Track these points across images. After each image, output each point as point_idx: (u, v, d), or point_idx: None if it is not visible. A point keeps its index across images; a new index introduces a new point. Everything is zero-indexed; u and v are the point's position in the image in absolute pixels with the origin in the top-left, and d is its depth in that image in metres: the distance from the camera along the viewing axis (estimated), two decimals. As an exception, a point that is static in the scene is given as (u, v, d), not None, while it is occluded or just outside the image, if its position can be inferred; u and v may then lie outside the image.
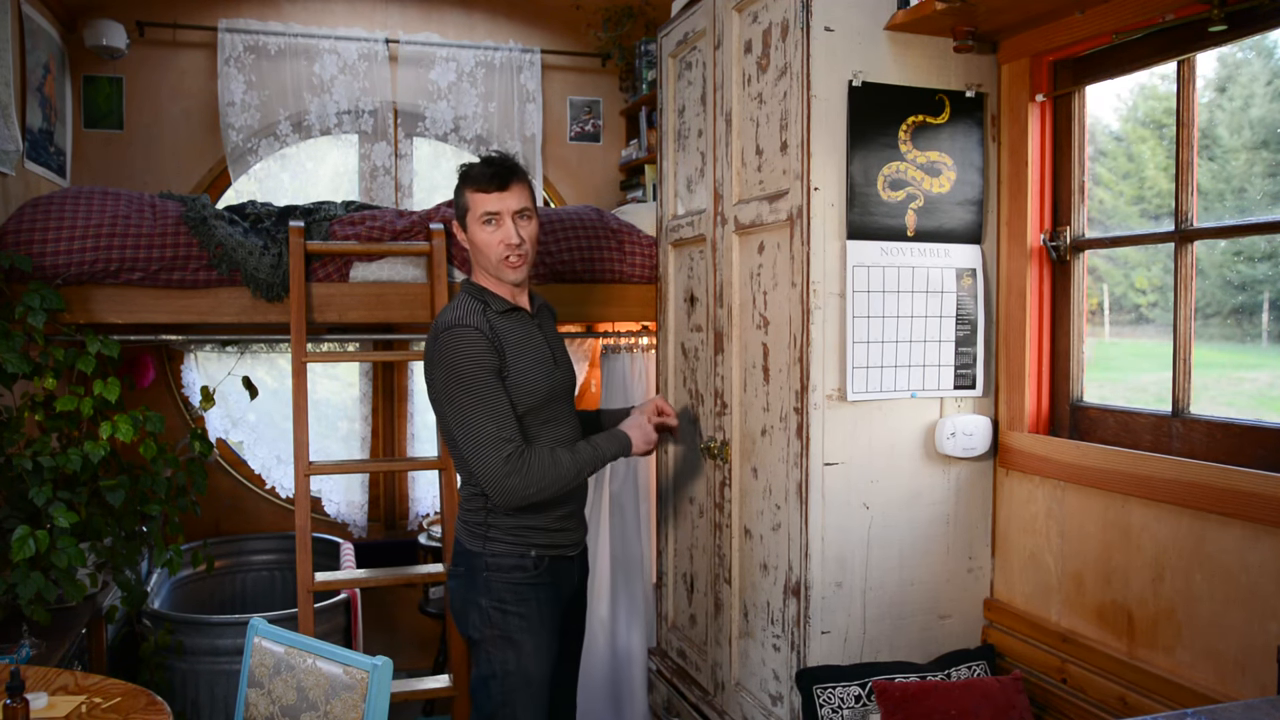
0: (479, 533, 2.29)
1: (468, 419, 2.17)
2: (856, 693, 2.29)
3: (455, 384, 2.18)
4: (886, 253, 2.36)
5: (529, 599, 2.27)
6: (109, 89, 4.04)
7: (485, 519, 2.28)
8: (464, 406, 2.18)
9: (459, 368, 2.18)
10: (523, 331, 2.33)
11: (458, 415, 2.19)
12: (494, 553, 2.27)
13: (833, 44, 2.30)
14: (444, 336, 2.21)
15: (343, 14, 4.33)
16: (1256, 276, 2.08)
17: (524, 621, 2.26)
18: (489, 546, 2.28)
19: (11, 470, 2.80)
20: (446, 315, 2.26)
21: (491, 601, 2.26)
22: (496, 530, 2.28)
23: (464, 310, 2.25)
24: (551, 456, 2.23)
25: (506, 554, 2.27)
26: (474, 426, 2.17)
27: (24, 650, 2.47)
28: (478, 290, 2.33)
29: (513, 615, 2.25)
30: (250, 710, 2.09)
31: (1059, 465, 2.31)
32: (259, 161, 4.22)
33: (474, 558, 2.29)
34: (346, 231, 3.24)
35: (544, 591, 2.30)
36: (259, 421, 4.24)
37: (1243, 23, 1.91)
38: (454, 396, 2.19)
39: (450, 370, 2.19)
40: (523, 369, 2.27)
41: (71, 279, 2.97)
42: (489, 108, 4.48)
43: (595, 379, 4.60)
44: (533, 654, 2.26)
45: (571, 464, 2.25)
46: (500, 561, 2.27)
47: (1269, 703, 1.57)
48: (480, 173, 2.28)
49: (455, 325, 2.21)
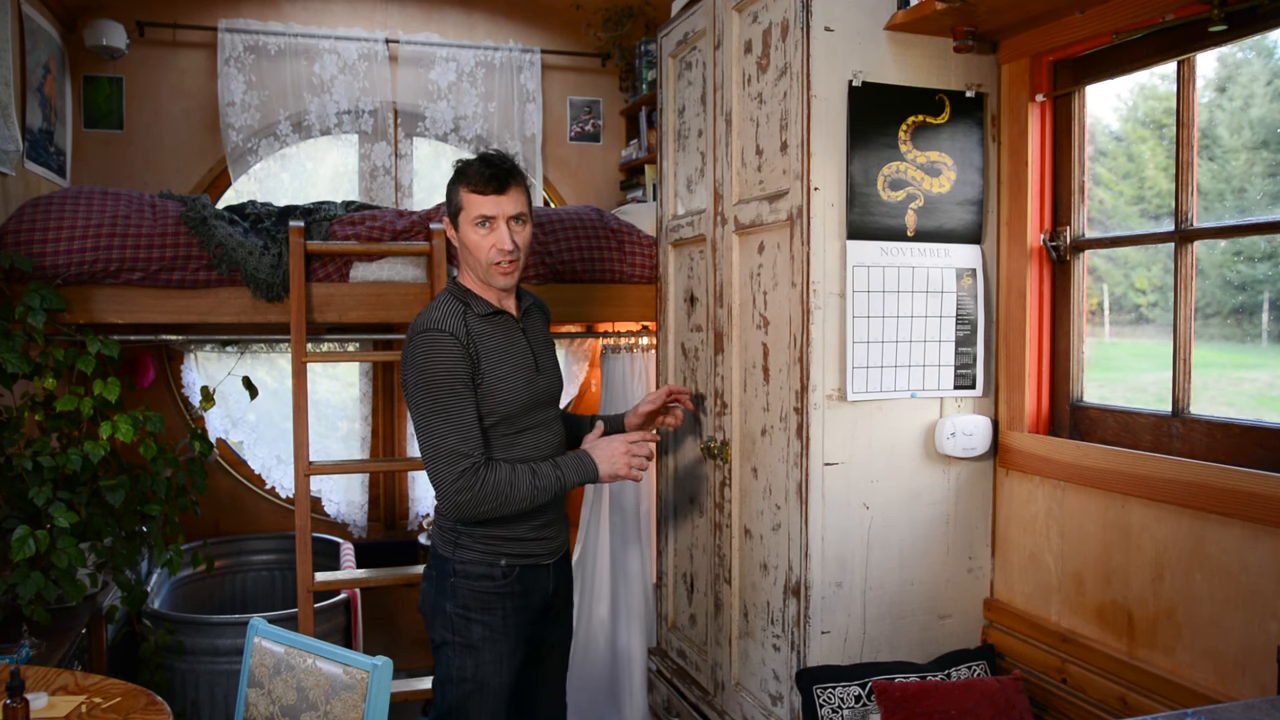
0: (450, 538, 2.25)
1: (430, 426, 2.13)
2: (856, 693, 2.29)
3: (422, 390, 2.13)
4: (886, 253, 2.36)
5: (495, 608, 2.23)
6: (109, 89, 4.04)
7: (455, 524, 2.24)
8: (427, 413, 2.13)
9: (428, 373, 2.13)
10: (504, 336, 2.27)
11: (421, 421, 2.14)
12: (463, 560, 2.23)
13: (833, 44, 2.30)
14: (418, 339, 2.16)
15: (343, 14, 4.33)
16: (1256, 276, 2.08)
17: (487, 630, 2.21)
18: (458, 553, 2.23)
19: (11, 470, 2.80)
20: (424, 317, 2.21)
21: (456, 608, 2.21)
22: (467, 537, 2.23)
23: (442, 312, 2.20)
24: (510, 477, 2.15)
25: (476, 562, 2.22)
26: (434, 435, 2.12)
27: (24, 650, 2.47)
28: (461, 291, 2.28)
29: (476, 623, 2.21)
30: (250, 710, 2.09)
31: (1059, 465, 2.31)
32: (259, 161, 4.22)
33: (444, 562, 2.25)
34: (346, 231, 3.24)
35: (511, 601, 2.25)
36: (259, 421, 4.24)
37: (1243, 23, 1.91)
38: (419, 402, 2.14)
39: (419, 374, 2.13)
40: (500, 375, 2.21)
41: (71, 279, 2.97)
42: (489, 108, 4.48)
43: (595, 379, 4.60)
44: (492, 663, 2.22)
45: (529, 488, 2.16)
46: (469, 569, 2.22)
47: (1269, 703, 1.57)
48: (478, 173, 2.19)
49: (430, 329, 2.16)
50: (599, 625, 3.64)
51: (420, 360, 2.14)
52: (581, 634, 3.61)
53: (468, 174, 2.22)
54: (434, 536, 2.32)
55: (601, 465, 2.26)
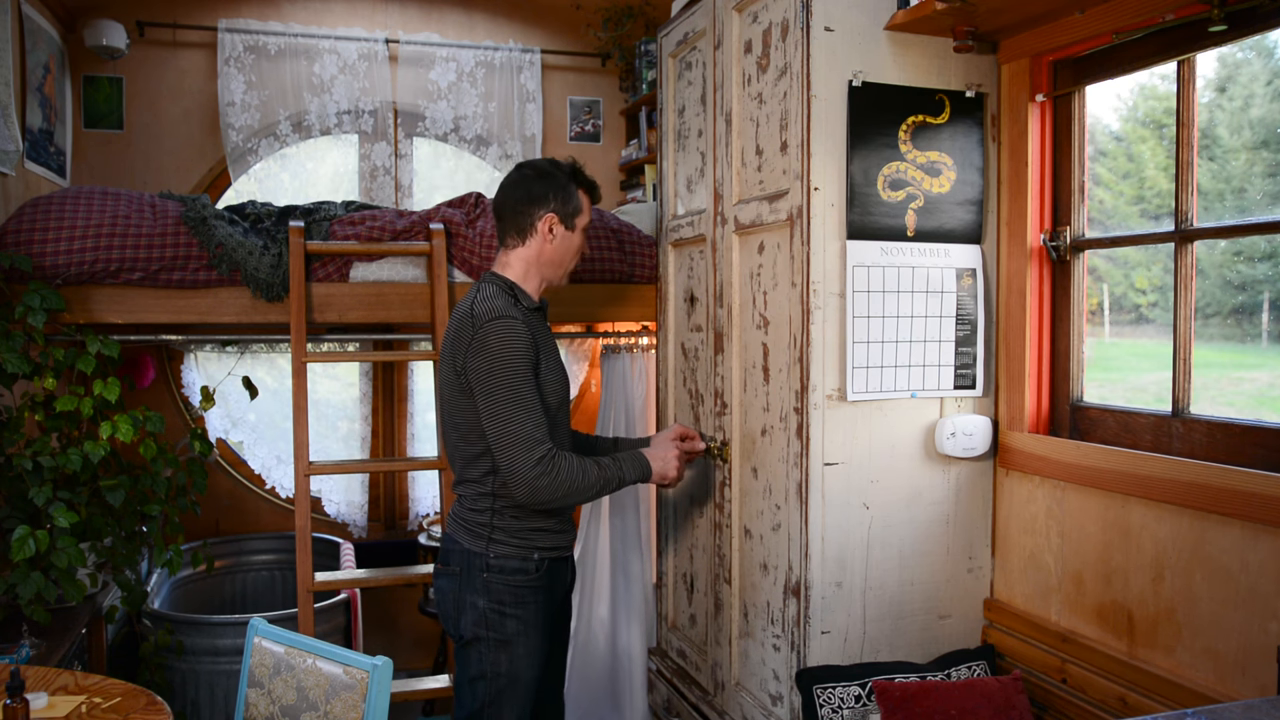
0: (482, 533, 2.26)
1: (506, 413, 2.13)
2: (856, 693, 2.29)
3: (497, 376, 2.13)
4: (886, 253, 2.36)
5: (528, 602, 2.26)
6: (109, 89, 4.04)
7: (491, 519, 2.25)
8: (503, 400, 2.13)
9: (505, 359, 2.13)
10: (545, 332, 2.34)
11: (494, 408, 2.14)
12: (497, 554, 2.24)
13: (833, 44, 2.30)
14: (490, 326, 2.14)
15: (343, 14, 4.33)
16: (1256, 276, 2.08)
17: (520, 625, 2.24)
18: (492, 548, 2.25)
19: (11, 470, 2.80)
20: (486, 305, 2.19)
21: (490, 603, 2.23)
22: (501, 532, 2.25)
23: (503, 302, 2.21)
24: (580, 465, 2.21)
25: (510, 556, 2.24)
26: (512, 422, 2.13)
27: (24, 650, 2.47)
28: (509, 285, 2.29)
29: (510, 618, 2.24)
30: (250, 710, 2.09)
31: (1059, 465, 2.31)
32: (259, 161, 4.22)
33: (473, 558, 2.26)
34: (346, 231, 3.24)
35: (542, 594, 2.29)
36: (259, 421, 4.24)
37: (1243, 23, 1.91)
38: (493, 389, 2.13)
39: (495, 361, 2.13)
40: (550, 367, 2.27)
41: (71, 279, 2.97)
42: (489, 108, 4.48)
43: (595, 379, 4.60)
44: (525, 657, 2.24)
45: (597, 478, 2.25)
46: (503, 564, 2.24)
47: (1269, 703, 1.57)
48: (591, 182, 2.38)
49: (502, 316, 2.16)
50: (599, 625, 3.64)
51: (496, 346, 2.14)
52: (581, 634, 3.61)
53: (586, 181, 2.37)
54: (455, 532, 2.31)
55: (655, 464, 2.40)
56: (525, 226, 2.31)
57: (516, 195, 2.32)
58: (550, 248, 2.32)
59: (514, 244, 2.33)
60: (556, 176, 2.32)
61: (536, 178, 2.32)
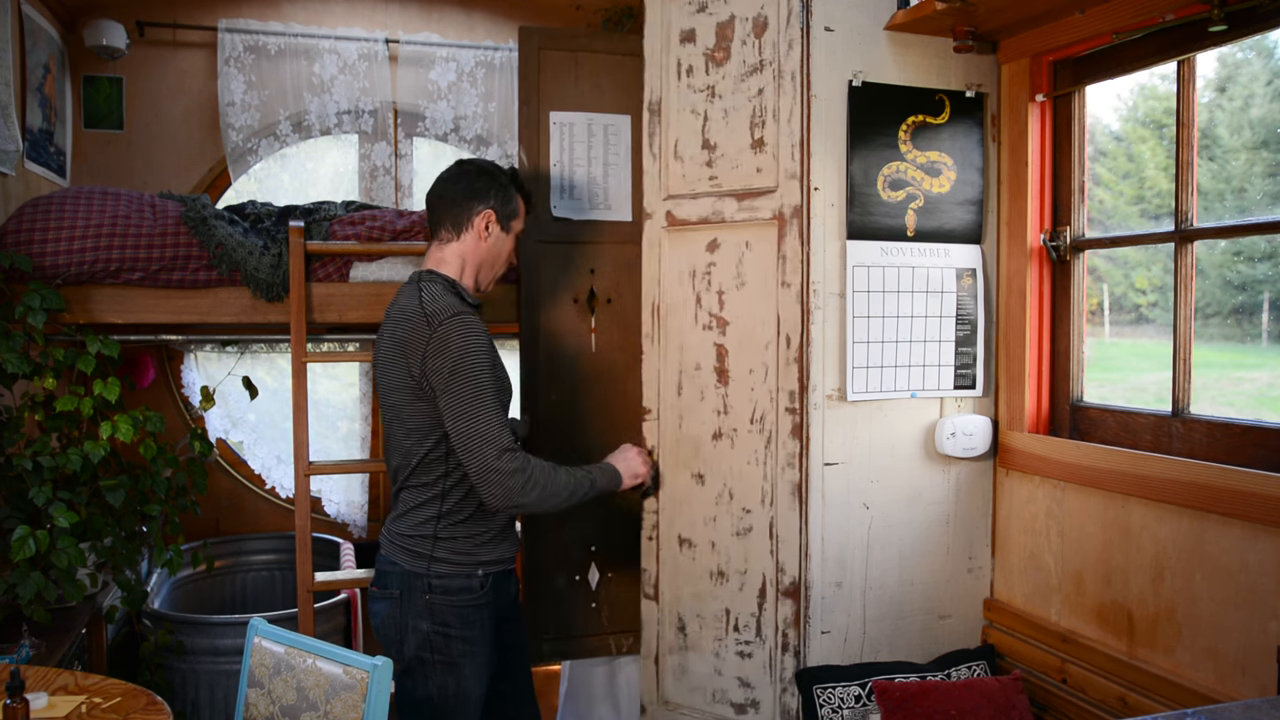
0: (423, 551, 2.17)
1: (473, 412, 2.06)
2: (856, 693, 2.29)
3: (462, 375, 2.06)
4: (886, 253, 2.36)
5: (473, 621, 2.17)
6: (109, 89, 4.04)
7: (434, 530, 2.17)
8: (470, 398, 2.06)
9: (469, 356, 2.07)
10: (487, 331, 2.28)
11: (460, 408, 2.06)
12: (439, 574, 2.15)
13: (833, 44, 2.30)
14: (450, 324, 2.08)
15: (342, 14, 4.32)
16: (1256, 276, 2.08)
17: (466, 645, 2.16)
18: (434, 567, 2.16)
19: (11, 470, 2.80)
20: (439, 303, 2.13)
21: (434, 626, 2.14)
22: (444, 548, 2.16)
23: (455, 300, 2.16)
24: (548, 466, 2.15)
25: (453, 575, 2.16)
26: (479, 421, 2.06)
27: (24, 650, 2.47)
28: (451, 283, 2.23)
29: (456, 639, 2.15)
30: (250, 710, 2.09)
31: (1059, 465, 2.31)
32: (259, 161, 4.22)
33: (414, 579, 2.16)
34: (346, 231, 3.24)
35: (486, 611, 2.20)
36: (259, 421, 4.24)
37: (1243, 23, 1.91)
38: (458, 387, 2.06)
39: (460, 359, 2.07)
40: (500, 365, 2.21)
41: (71, 279, 2.97)
42: (489, 108, 4.48)
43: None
44: (472, 675, 2.17)
45: (567, 480, 2.18)
46: (446, 584, 2.15)
47: (1269, 703, 1.57)
48: (528, 190, 2.39)
49: (460, 313, 2.10)
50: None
51: (459, 344, 2.08)
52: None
53: (520, 185, 2.35)
54: (392, 552, 2.21)
55: (621, 466, 2.39)
56: (462, 221, 2.26)
57: (457, 189, 2.27)
58: (484, 245, 2.27)
59: (448, 238, 2.27)
60: (498, 176, 2.30)
61: (478, 174, 2.29)
